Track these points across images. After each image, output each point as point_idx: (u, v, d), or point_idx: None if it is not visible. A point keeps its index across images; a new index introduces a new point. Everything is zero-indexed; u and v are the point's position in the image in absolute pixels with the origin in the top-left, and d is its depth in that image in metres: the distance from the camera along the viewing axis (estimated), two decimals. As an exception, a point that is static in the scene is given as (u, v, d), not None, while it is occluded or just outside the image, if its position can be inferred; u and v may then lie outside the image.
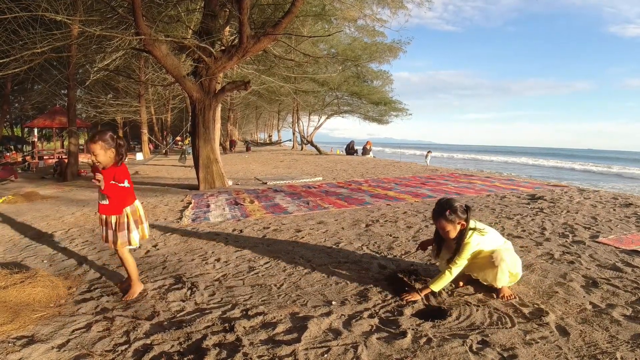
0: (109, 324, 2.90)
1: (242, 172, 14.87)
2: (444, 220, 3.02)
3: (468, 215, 3.03)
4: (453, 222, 3.01)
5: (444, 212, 3.01)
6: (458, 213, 3.00)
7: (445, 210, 3.01)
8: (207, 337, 2.61)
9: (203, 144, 10.17)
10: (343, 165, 16.96)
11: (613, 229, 4.95)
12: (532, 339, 2.43)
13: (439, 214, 3.05)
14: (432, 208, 3.18)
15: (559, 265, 3.68)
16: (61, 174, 15.17)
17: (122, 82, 25.63)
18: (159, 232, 5.77)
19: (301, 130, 37.09)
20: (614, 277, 3.34)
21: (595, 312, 2.75)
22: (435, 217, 3.10)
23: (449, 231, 3.04)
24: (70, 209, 8.09)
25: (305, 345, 2.47)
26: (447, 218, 3.00)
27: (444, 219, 3.02)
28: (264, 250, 4.62)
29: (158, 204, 8.18)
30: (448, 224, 3.02)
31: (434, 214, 3.10)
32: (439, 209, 3.06)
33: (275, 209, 7.15)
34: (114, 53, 11.75)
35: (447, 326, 2.63)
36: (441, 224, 3.05)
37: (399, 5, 13.93)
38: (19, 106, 31.69)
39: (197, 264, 4.25)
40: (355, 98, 32.56)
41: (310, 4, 12.72)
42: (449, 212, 2.99)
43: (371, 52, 25.10)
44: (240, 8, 8.73)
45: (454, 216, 2.99)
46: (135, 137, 46.13)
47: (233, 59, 9.70)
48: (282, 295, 3.28)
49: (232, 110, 35.99)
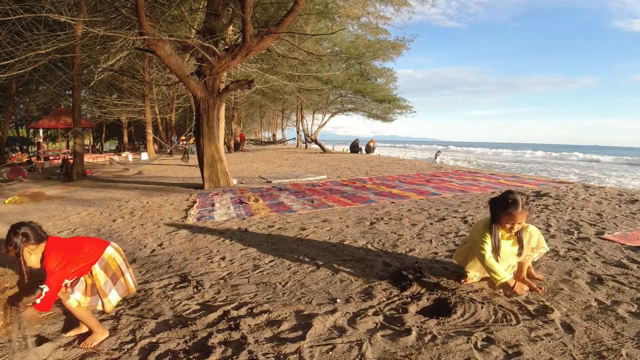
0: (115, 323, 2.92)
1: (246, 171, 14.89)
2: (526, 213, 2.87)
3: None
4: (530, 212, 2.95)
5: (527, 204, 2.88)
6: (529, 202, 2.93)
7: (528, 203, 2.89)
8: (213, 335, 2.62)
9: (207, 143, 10.19)
10: (347, 163, 16.95)
11: (619, 226, 4.93)
12: (537, 336, 2.42)
13: (522, 206, 2.85)
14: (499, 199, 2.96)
15: (564, 262, 3.67)
16: (67, 174, 15.24)
17: (126, 82, 25.75)
18: (165, 231, 5.80)
19: (305, 128, 37.07)
20: (620, 274, 3.33)
21: (601, 309, 2.74)
22: (515, 208, 2.85)
23: (521, 222, 2.90)
24: (76, 209, 8.13)
25: (310, 343, 2.48)
26: (525, 208, 2.86)
27: (526, 212, 2.87)
28: (268, 249, 4.63)
29: (163, 203, 8.21)
30: (528, 213, 2.89)
31: (514, 205, 2.85)
32: (523, 201, 2.86)
33: (280, 208, 7.16)
34: (118, 53, 11.82)
35: (452, 323, 2.63)
36: (523, 215, 2.86)
37: (402, 2, 13.91)
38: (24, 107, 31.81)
39: (203, 262, 4.27)
40: (359, 96, 32.47)
41: (313, 2, 12.72)
42: (526, 201, 2.88)
43: (375, 50, 25.04)
44: (243, 7, 8.73)
45: (529, 205, 2.90)
46: (139, 137, 46.34)
47: (236, 58, 9.71)
48: (287, 293, 3.29)
49: (236, 109, 35.98)
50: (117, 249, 2.88)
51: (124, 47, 10.18)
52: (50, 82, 21.54)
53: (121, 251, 2.90)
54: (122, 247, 4.88)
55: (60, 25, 9.48)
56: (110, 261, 2.76)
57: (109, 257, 2.77)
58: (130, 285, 2.85)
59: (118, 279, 2.77)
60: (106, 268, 2.74)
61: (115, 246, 2.88)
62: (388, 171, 13.28)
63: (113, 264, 2.77)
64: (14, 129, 38.20)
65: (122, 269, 2.80)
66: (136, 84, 25.78)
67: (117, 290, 2.77)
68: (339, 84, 29.12)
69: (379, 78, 32.32)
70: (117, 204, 8.55)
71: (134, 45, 10.24)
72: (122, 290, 2.80)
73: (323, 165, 16.67)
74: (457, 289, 3.15)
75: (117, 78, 24.29)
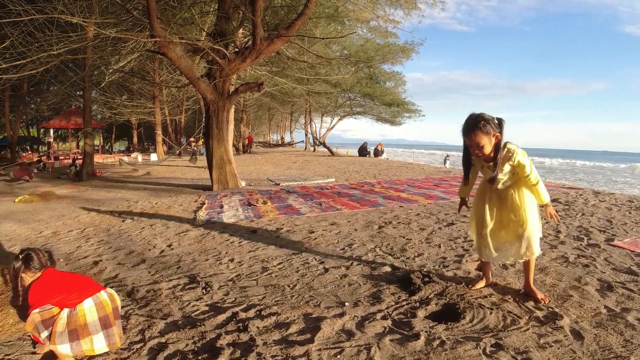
0: (124, 322, 2.94)
1: (254, 173, 14.94)
2: (479, 132, 2.77)
3: (502, 129, 2.81)
4: (488, 134, 2.78)
5: (478, 123, 2.77)
6: (492, 124, 2.78)
7: (479, 122, 2.77)
8: (221, 337, 2.64)
9: (217, 145, 10.23)
10: (355, 167, 16.94)
11: (629, 232, 4.89)
12: (546, 342, 2.42)
13: (473, 127, 2.79)
14: (462, 126, 2.89)
15: (573, 269, 3.65)
16: (77, 174, 15.37)
17: (136, 83, 25.97)
18: (174, 232, 5.83)
19: (314, 131, 37.12)
20: (629, 281, 3.31)
21: (610, 316, 2.72)
22: (467, 132, 2.83)
23: (483, 146, 2.81)
24: (85, 209, 8.20)
25: (318, 346, 2.48)
26: (482, 130, 2.76)
27: (479, 131, 2.77)
28: (277, 251, 4.65)
29: (172, 204, 8.26)
30: (484, 136, 2.78)
31: (466, 129, 2.83)
32: (472, 122, 2.81)
33: (288, 210, 7.18)
34: (129, 55, 11.93)
35: (461, 329, 2.63)
36: (476, 137, 2.79)
37: (412, 5, 13.89)
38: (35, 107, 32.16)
39: (211, 263, 4.29)
40: (368, 99, 32.49)
41: (323, 5, 12.75)
42: (483, 124, 2.76)
43: (384, 53, 25.09)
44: (254, 10, 8.78)
45: (488, 127, 2.77)
46: (149, 138, 46.63)
47: (246, 61, 9.75)
48: (296, 296, 3.30)
49: (245, 111, 36.14)
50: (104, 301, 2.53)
51: (135, 48, 10.28)
52: (61, 82, 21.78)
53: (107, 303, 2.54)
54: (131, 247, 4.94)
55: (72, 27, 9.57)
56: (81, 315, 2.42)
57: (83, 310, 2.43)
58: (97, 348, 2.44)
59: (78, 339, 2.40)
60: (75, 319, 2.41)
61: (103, 297, 2.55)
62: (396, 175, 13.27)
63: (82, 319, 2.42)
64: (25, 129, 38.60)
65: (90, 329, 2.42)
66: (146, 86, 26.00)
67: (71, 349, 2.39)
68: (348, 87, 29.17)
69: (387, 81, 32.34)
70: (126, 204, 8.60)
71: (145, 47, 10.33)
72: (76, 351, 2.39)
73: (331, 168, 16.68)
74: (466, 294, 3.14)
75: (128, 79, 24.50)
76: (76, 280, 2.60)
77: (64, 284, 2.51)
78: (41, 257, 2.56)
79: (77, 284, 2.55)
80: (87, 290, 2.50)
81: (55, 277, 2.54)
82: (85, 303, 2.44)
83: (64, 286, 2.48)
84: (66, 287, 2.48)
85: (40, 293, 2.41)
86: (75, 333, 2.38)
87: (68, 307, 2.40)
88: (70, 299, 2.42)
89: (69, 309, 2.40)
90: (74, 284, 2.53)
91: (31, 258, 2.52)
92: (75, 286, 2.51)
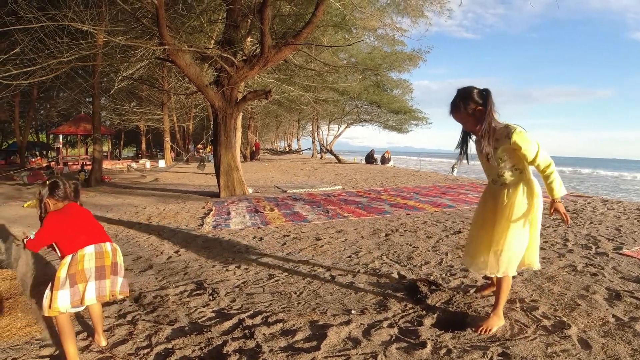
0: (131, 328, 2.96)
1: (262, 180, 14.97)
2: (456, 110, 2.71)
3: (486, 100, 2.64)
4: (466, 110, 2.67)
5: (455, 102, 2.70)
6: (472, 99, 2.65)
7: (456, 101, 2.69)
8: (228, 343, 2.65)
9: (224, 152, 10.28)
10: (362, 174, 16.94)
11: (637, 241, 4.86)
12: (554, 351, 2.40)
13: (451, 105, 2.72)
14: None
15: (581, 277, 3.63)
16: (86, 180, 15.48)
17: (145, 90, 26.13)
18: (181, 238, 5.86)
19: (321, 138, 37.20)
20: (638, 290, 3.28)
21: (618, 325, 2.70)
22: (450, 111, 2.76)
23: (465, 123, 2.75)
24: (94, 214, 8.22)
25: (324, 354, 2.48)
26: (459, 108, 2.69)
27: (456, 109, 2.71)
28: (283, 258, 4.66)
29: (180, 211, 8.29)
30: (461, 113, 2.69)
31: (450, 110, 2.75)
32: (452, 101, 2.72)
33: (295, 217, 7.19)
34: (138, 62, 12.02)
35: (468, 337, 2.62)
36: (455, 115, 2.73)
37: (419, 14, 13.92)
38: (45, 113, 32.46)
39: (218, 270, 4.30)
40: (375, 107, 32.49)
41: (330, 14, 12.80)
42: (459, 102, 2.68)
43: (391, 61, 25.08)
44: (262, 18, 8.85)
45: (465, 103, 2.66)
46: (157, 145, 46.88)
47: (254, 69, 9.82)
48: (302, 303, 3.31)
49: (253, 118, 36.26)
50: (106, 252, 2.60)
51: (144, 56, 10.36)
52: (71, 89, 21.94)
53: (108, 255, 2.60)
54: (138, 253, 4.96)
55: (83, 34, 9.67)
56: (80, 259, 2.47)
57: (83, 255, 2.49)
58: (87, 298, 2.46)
59: (76, 283, 2.44)
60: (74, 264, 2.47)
61: (106, 248, 2.61)
62: (403, 182, 13.25)
63: (80, 264, 2.47)
64: (34, 134, 38.92)
65: (85, 274, 2.47)
66: (155, 93, 26.14)
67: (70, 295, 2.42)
68: (355, 94, 29.17)
69: (395, 89, 32.32)
70: (134, 210, 8.65)
71: (154, 54, 10.40)
72: (75, 298, 2.43)
73: (338, 175, 16.69)
74: (473, 303, 3.13)
75: (137, 86, 24.67)
76: (89, 224, 2.69)
77: (77, 224, 2.59)
78: (67, 188, 2.68)
79: (88, 227, 2.64)
80: (95, 237, 2.61)
81: (72, 214, 2.63)
82: (86, 249, 2.52)
83: (77, 226, 2.58)
84: (78, 227, 2.58)
85: (54, 225, 2.50)
86: (74, 278, 2.44)
87: (71, 253, 2.49)
88: (77, 241, 2.51)
89: (72, 254, 2.49)
90: (85, 227, 2.63)
91: (57, 186, 2.63)
92: (86, 229, 2.61)
